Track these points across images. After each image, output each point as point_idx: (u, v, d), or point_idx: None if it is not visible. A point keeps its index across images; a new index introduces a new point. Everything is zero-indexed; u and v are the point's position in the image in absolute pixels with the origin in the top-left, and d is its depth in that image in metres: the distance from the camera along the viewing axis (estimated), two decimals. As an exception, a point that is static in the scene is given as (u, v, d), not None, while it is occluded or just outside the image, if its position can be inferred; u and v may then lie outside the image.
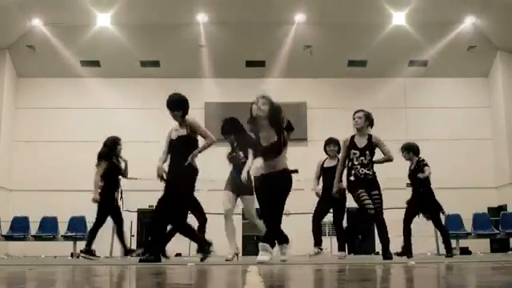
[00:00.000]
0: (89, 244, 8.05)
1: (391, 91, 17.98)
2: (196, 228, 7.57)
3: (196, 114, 19.81)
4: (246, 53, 17.40)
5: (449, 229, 11.93)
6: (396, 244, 7.75)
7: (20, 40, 16.94)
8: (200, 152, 6.00)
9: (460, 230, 12.30)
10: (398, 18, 16.54)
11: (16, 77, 17.97)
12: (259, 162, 5.49)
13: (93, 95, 17.73)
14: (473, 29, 16.93)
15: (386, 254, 6.63)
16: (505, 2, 15.44)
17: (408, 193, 8.66)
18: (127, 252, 8.47)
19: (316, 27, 16.88)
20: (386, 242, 6.72)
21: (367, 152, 6.83)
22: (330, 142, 8.17)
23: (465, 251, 12.11)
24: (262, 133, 5.61)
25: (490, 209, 16.14)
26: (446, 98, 18.12)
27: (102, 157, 8.02)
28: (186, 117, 6.17)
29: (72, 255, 12.45)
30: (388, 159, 6.90)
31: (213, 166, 7.98)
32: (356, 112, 7.11)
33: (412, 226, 8.02)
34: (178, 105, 6.19)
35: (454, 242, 12.05)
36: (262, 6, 15.80)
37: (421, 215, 7.93)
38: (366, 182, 6.66)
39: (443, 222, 8.61)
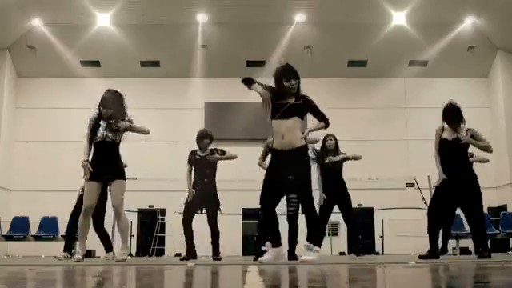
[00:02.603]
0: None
1: (391, 91, 17.99)
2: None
3: (196, 114, 19.89)
4: (246, 53, 17.40)
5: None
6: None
7: (20, 40, 16.95)
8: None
9: (460, 230, 12.29)
10: (398, 18, 16.55)
11: (16, 77, 17.98)
12: None
13: (93, 95, 17.64)
14: (473, 29, 16.93)
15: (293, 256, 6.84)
16: (504, 1, 15.44)
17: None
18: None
19: (316, 27, 16.89)
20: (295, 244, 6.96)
21: None
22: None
23: (465, 251, 12.11)
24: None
25: (489, 209, 16.14)
26: (445, 98, 17.99)
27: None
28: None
29: (72, 255, 12.44)
30: None
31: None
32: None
33: (412, 225, 7.99)
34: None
35: (454, 242, 12.07)
36: (262, 6, 15.81)
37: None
38: None
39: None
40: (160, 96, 17.73)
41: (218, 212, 7.43)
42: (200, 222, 7.62)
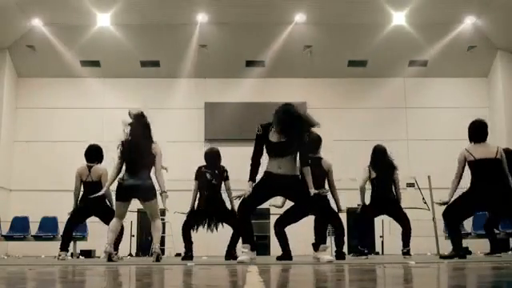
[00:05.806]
0: None
1: (391, 91, 17.98)
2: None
3: (196, 114, 19.86)
4: (246, 53, 17.39)
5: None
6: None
7: (20, 40, 16.94)
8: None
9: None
10: (398, 18, 16.54)
11: (16, 77, 17.97)
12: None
13: (93, 95, 17.73)
14: (473, 29, 16.92)
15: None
16: (504, 2, 15.44)
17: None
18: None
19: (316, 27, 16.88)
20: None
21: None
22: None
23: (465, 251, 12.08)
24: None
25: (490, 209, 16.12)
26: (446, 97, 18.12)
27: None
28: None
29: (72, 255, 12.44)
30: None
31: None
32: None
33: (412, 225, 7.96)
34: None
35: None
36: (262, 6, 15.80)
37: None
38: None
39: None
40: (160, 96, 17.71)
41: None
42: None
